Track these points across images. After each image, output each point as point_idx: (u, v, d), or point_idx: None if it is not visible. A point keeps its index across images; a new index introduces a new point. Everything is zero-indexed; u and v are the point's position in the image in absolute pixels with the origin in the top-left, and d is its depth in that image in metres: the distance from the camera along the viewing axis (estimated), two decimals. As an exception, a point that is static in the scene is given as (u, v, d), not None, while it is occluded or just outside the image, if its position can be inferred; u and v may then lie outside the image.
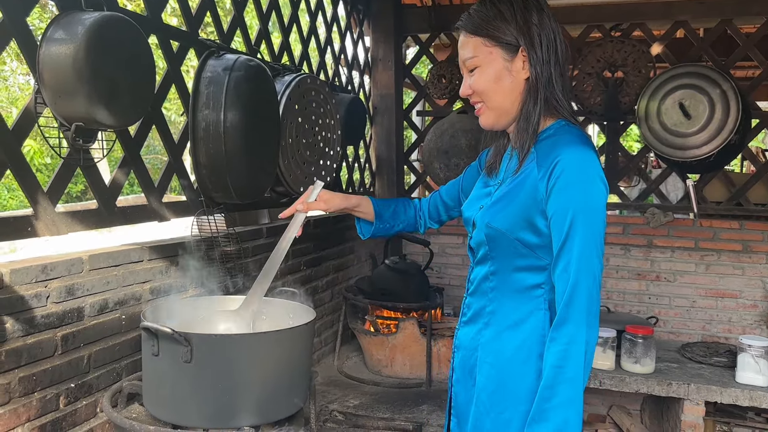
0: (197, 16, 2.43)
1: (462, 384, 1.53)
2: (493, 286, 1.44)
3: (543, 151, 1.35)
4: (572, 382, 1.26)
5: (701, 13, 3.82)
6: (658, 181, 4.08)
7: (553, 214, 1.30)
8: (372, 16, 4.22)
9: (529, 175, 1.36)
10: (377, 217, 1.76)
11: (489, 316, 1.45)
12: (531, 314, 1.39)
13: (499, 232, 1.38)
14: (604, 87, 3.90)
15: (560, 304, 1.29)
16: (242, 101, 2.24)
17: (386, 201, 1.80)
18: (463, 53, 1.40)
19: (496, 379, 1.42)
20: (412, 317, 3.14)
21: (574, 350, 1.26)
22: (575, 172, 1.29)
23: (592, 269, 1.27)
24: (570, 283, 1.27)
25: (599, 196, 1.29)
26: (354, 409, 2.74)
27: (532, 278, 1.38)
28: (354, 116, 3.50)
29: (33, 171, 1.73)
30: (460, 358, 1.55)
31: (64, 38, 1.65)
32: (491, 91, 1.38)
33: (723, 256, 3.77)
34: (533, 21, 1.35)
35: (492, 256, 1.42)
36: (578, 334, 1.26)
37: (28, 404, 1.62)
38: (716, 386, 2.90)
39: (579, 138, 1.34)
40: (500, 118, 1.42)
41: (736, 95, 3.56)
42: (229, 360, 1.50)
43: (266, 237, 2.71)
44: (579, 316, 1.26)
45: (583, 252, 1.27)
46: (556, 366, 1.27)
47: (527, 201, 1.34)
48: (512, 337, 1.41)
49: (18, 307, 1.58)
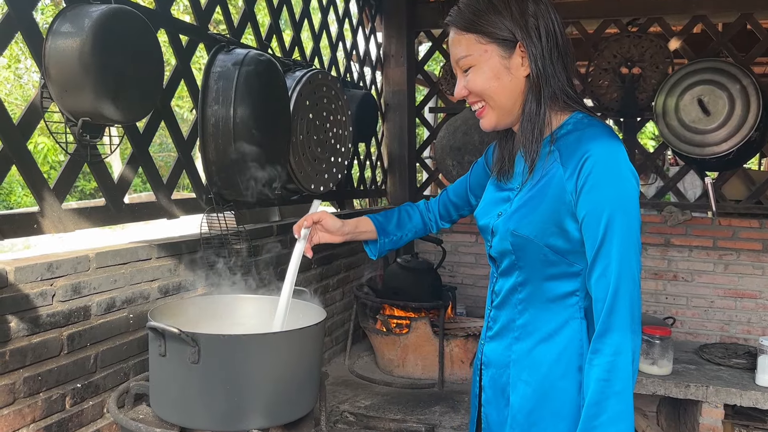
0: (207, 10, 2.39)
1: (494, 405, 1.41)
2: (522, 297, 1.33)
3: (567, 148, 1.24)
4: (621, 395, 1.16)
5: (720, 7, 3.74)
6: (676, 178, 4.01)
7: (586, 215, 1.20)
8: (384, 12, 4.17)
9: (554, 176, 1.25)
10: (381, 233, 1.65)
11: (520, 329, 1.34)
12: (566, 324, 1.29)
13: (526, 240, 1.27)
14: (621, 83, 3.84)
15: (601, 312, 1.19)
16: (252, 96, 2.21)
17: (387, 213, 1.68)
18: (456, 52, 1.28)
19: (533, 397, 1.32)
20: (424, 316, 3.09)
21: (621, 361, 1.16)
22: (606, 167, 1.18)
23: (632, 272, 1.18)
24: (611, 290, 1.17)
25: (633, 191, 1.19)
26: (365, 410, 2.70)
27: (564, 286, 1.28)
28: (366, 113, 3.46)
29: (39, 167, 1.70)
30: (490, 377, 1.42)
31: (70, 31, 1.62)
32: (490, 90, 1.27)
33: (742, 255, 3.69)
34: (529, 11, 1.23)
35: (520, 265, 1.32)
36: (624, 344, 1.16)
37: (34, 405, 1.59)
38: (735, 389, 2.83)
39: (604, 130, 1.23)
40: (502, 119, 1.31)
41: (757, 91, 3.49)
42: (237, 361, 1.46)
43: (276, 235, 2.67)
44: (623, 324, 1.17)
45: (622, 254, 1.17)
46: (603, 380, 1.17)
47: (555, 204, 1.24)
48: (548, 350, 1.30)
49: (23, 305, 1.55)
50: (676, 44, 3.84)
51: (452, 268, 4.14)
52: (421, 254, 3.62)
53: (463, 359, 3.06)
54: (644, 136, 13.80)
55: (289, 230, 2.77)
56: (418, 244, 4.10)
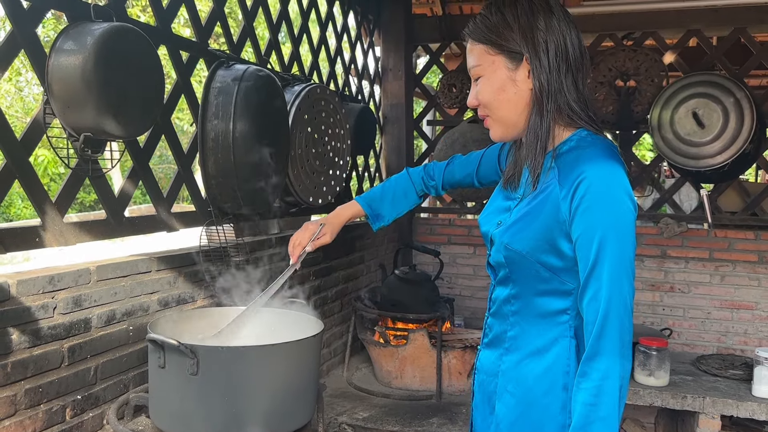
0: (207, 27, 2.43)
1: (479, 411, 1.45)
2: (515, 309, 1.35)
3: (565, 167, 1.24)
4: (606, 421, 1.15)
5: (715, 21, 3.78)
6: (672, 190, 4.04)
7: (579, 236, 1.20)
8: (382, 26, 4.22)
9: (550, 194, 1.25)
10: (376, 219, 1.70)
11: (511, 341, 1.36)
12: (556, 342, 1.29)
13: (519, 255, 1.28)
14: (617, 96, 3.87)
15: (590, 335, 1.18)
16: (251, 111, 2.24)
17: (380, 195, 1.71)
18: (469, 61, 1.33)
19: (517, 409, 1.33)
20: (422, 328, 3.11)
21: (608, 386, 1.15)
22: (601, 190, 1.17)
23: (624, 296, 1.17)
24: (600, 313, 1.17)
25: (628, 215, 1.18)
26: (363, 422, 2.71)
27: (556, 303, 1.28)
28: (364, 126, 3.49)
29: (41, 181, 1.73)
30: (479, 382, 1.46)
31: (73, 49, 1.65)
32: (495, 102, 1.30)
33: (738, 266, 3.71)
34: (539, 26, 1.25)
35: (513, 278, 1.33)
36: (612, 369, 1.15)
37: (34, 416, 1.61)
38: (732, 399, 2.84)
39: (604, 151, 1.22)
40: (508, 131, 1.33)
41: (751, 104, 3.52)
42: (235, 372, 1.48)
43: (276, 247, 2.70)
44: (612, 349, 1.16)
45: (613, 278, 1.16)
46: (589, 404, 1.16)
47: (549, 222, 1.24)
48: (535, 365, 1.31)
49: (24, 318, 1.57)
50: (670, 58, 3.88)
51: (450, 279, 4.16)
52: (419, 266, 3.64)
53: (461, 371, 3.08)
54: (642, 147, 13.85)
55: (287, 242, 2.79)
56: (416, 256, 4.12)
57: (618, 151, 1.25)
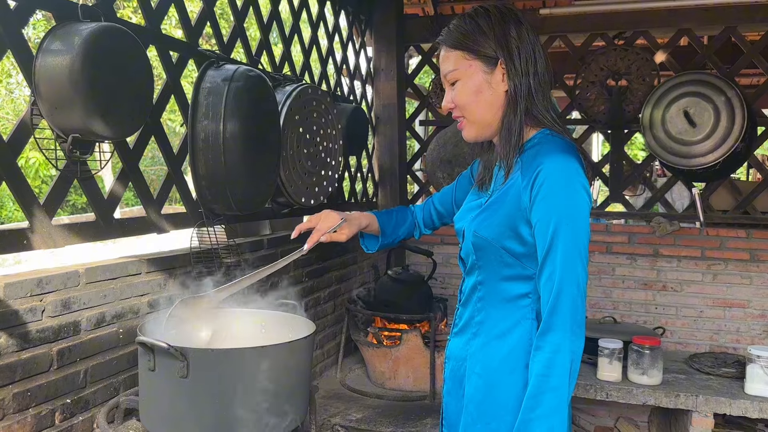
0: (197, 27, 2.42)
1: (453, 395, 1.54)
2: (481, 295, 1.46)
3: (527, 161, 1.37)
4: (557, 391, 1.26)
5: (705, 20, 3.79)
6: (664, 189, 4.05)
7: (537, 222, 1.32)
8: (374, 26, 4.21)
9: (513, 185, 1.38)
10: (382, 234, 1.78)
11: (477, 326, 1.47)
12: (518, 324, 1.40)
13: (485, 241, 1.40)
14: (608, 95, 3.88)
15: (545, 312, 1.30)
16: (242, 112, 2.23)
17: (387, 215, 1.81)
18: (445, 67, 1.42)
19: (484, 389, 1.43)
20: (415, 329, 3.10)
21: (558, 359, 1.26)
22: (557, 180, 1.30)
23: (576, 277, 1.28)
24: (554, 292, 1.28)
25: (582, 204, 1.31)
26: (356, 423, 2.70)
27: (518, 288, 1.40)
28: (356, 126, 3.48)
29: (29, 183, 1.71)
30: (450, 369, 1.56)
31: (60, 49, 1.64)
32: (473, 103, 1.40)
33: (730, 265, 3.72)
34: (512, 34, 1.37)
35: (479, 265, 1.44)
36: (563, 343, 1.27)
37: (23, 420, 1.59)
38: (725, 398, 2.85)
39: (561, 146, 1.35)
40: (483, 131, 1.44)
41: (742, 103, 3.53)
42: (226, 375, 1.47)
43: (267, 248, 2.68)
44: (563, 324, 1.27)
45: (566, 260, 1.28)
46: (541, 375, 1.28)
47: (512, 210, 1.36)
48: (499, 347, 1.42)
49: (12, 321, 1.55)
50: (662, 57, 3.89)
51: (443, 279, 4.15)
52: (412, 266, 3.63)
53: (455, 371, 3.07)
54: (634, 147, 13.90)
55: (279, 243, 2.78)
56: (409, 257, 4.12)
57: (576, 148, 1.38)
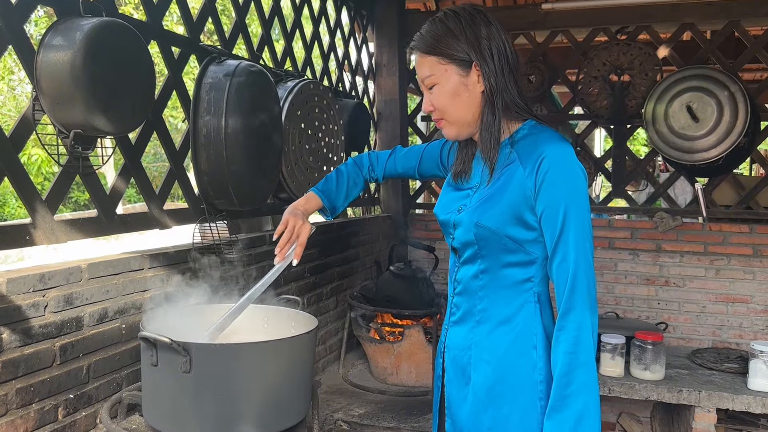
0: (198, 22, 2.41)
1: (455, 384, 1.55)
2: (483, 284, 1.48)
3: (524, 150, 1.40)
4: (586, 365, 1.31)
5: (708, 15, 3.78)
6: (666, 185, 4.04)
7: (544, 209, 1.36)
8: (376, 22, 4.20)
9: (514, 174, 1.40)
10: (333, 211, 1.79)
11: (481, 313, 1.49)
12: (522, 308, 1.44)
13: (489, 231, 1.42)
14: (611, 90, 3.87)
15: (563, 294, 1.34)
16: (244, 107, 2.22)
17: (336, 188, 1.77)
18: (421, 72, 1.44)
19: (494, 375, 1.46)
20: (417, 324, 3.10)
21: (584, 335, 1.32)
22: (561, 167, 1.35)
23: (587, 257, 1.34)
24: (570, 274, 1.33)
25: (583, 186, 1.37)
26: (359, 418, 2.71)
27: (521, 273, 1.43)
28: (358, 122, 3.48)
29: (31, 179, 1.71)
30: (451, 358, 1.56)
31: (62, 44, 1.63)
32: (452, 106, 1.43)
33: (733, 260, 3.72)
34: (482, 35, 1.39)
35: (482, 254, 1.46)
36: (585, 319, 1.32)
37: (26, 416, 1.59)
38: (728, 393, 2.85)
39: (556, 135, 1.41)
40: (462, 130, 1.47)
41: (745, 98, 3.52)
42: (229, 370, 1.47)
43: (269, 244, 2.68)
44: (583, 302, 1.33)
45: (578, 242, 1.34)
46: (570, 352, 1.32)
47: (516, 198, 1.39)
48: (506, 332, 1.45)
49: (15, 317, 1.55)
50: (664, 52, 3.87)
51: (445, 275, 4.14)
52: (415, 262, 3.63)
53: (457, 366, 3.07)
54: (637, 142, 13.87)
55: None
56: (411, 252, 4.11)
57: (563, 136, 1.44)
